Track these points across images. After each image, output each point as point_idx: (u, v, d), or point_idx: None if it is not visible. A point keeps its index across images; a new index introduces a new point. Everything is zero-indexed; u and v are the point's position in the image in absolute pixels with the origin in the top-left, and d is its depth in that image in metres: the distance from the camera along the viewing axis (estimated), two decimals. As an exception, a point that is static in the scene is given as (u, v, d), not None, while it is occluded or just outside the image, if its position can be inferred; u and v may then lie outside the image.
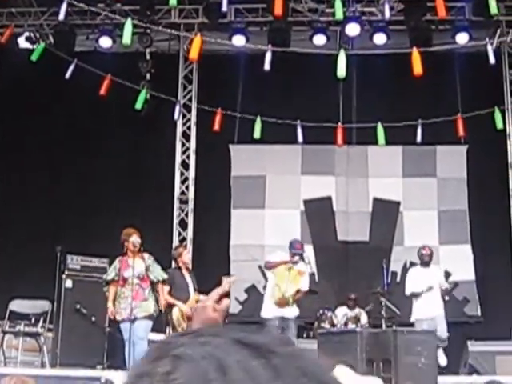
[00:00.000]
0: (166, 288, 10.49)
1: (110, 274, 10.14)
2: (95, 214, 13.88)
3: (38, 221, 14.04)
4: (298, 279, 10.75)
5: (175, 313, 10.80)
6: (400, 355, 7.01)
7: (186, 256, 11.03)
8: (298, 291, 10.68)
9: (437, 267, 11.52)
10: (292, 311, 10.74)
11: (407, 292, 11.24)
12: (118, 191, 14.15)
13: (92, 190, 14.09)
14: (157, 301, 10.13)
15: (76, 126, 14.23)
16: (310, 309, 11.56)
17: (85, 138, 14.21)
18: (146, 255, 10.13)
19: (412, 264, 12.73)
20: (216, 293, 2.06)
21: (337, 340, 7.67)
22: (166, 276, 10.19)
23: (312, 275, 13.45)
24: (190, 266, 11.01)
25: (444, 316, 10.88)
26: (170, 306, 10.78)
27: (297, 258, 10.80)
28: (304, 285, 10.87)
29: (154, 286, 10.04)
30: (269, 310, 10.80)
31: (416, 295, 11.04)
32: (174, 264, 12.44)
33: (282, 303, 10.56)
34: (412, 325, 10.68)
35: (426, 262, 11.27)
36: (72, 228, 13.75)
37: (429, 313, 10.77)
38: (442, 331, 10.41)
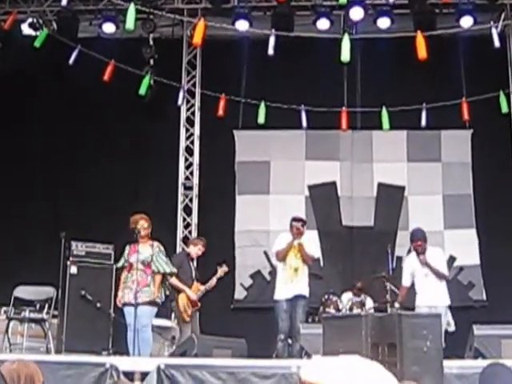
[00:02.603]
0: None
1: (120, 261, 10.34)
2: (99, 200, 13.86)
3: (41, 207, 14.03)
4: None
5: (182, 298, 10.84)
6: (405, 339, 6.97)
7: (195, 251, 11.30)
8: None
9: (436, 249, 11.10)
10: (301, 288, 10.70)
11: (403, 283, 10.87)
12: (121, 177, 14.13)
13: (95, 176, 14.05)
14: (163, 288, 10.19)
15: (79, 113, 14.19)
16: (315, 294, 11.53)
17: (88, 125, 14.17)
18: (155, 243, 10.19)
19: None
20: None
21: (341, 324, 7.64)
22: (168, 270, 10.17)
23: (317, 260, 13.45)
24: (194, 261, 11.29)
25: (447, 308, 10.47)
26: (178, 292, 10.81)
27: (299, 225, 10.83)
28: (312, 251, 10.94)
29: (154, 274, 10.05)
30: (278, 293, 10.76)
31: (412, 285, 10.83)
32: (179, 248, 12.48)
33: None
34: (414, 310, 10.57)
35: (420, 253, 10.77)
36: (75, 214, 13.74)
37: (429, 301, 10.55)
38: (449, 325, 10.19)
